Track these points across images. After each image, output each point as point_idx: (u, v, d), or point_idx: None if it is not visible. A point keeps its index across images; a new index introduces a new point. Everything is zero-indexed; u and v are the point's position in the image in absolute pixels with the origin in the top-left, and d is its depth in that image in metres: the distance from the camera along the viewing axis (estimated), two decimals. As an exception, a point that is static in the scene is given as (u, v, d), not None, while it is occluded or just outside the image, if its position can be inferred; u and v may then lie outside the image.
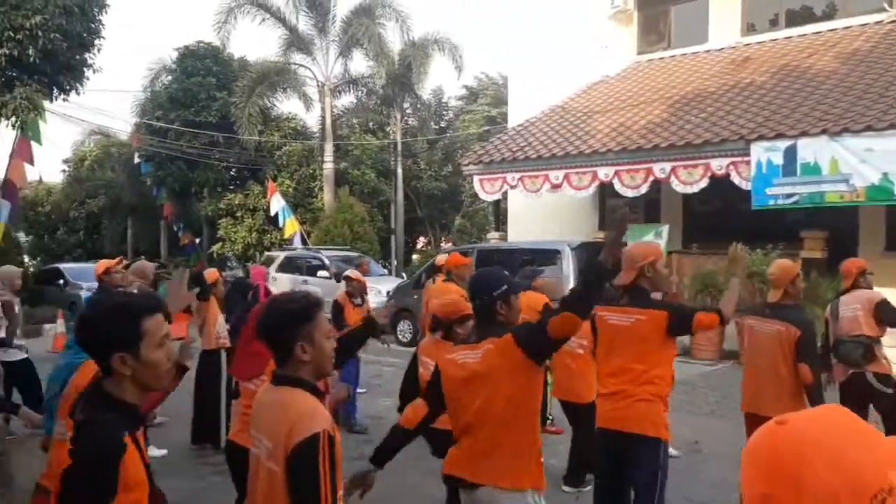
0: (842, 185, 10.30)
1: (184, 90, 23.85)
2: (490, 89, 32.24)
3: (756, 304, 4.83)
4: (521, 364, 2.73)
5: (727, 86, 13.32)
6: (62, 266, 20.13)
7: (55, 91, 15.09)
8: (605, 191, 13.89)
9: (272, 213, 21.77)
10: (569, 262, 10.90)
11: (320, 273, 15.89)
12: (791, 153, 10.71)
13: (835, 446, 0.92)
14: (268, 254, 19.82)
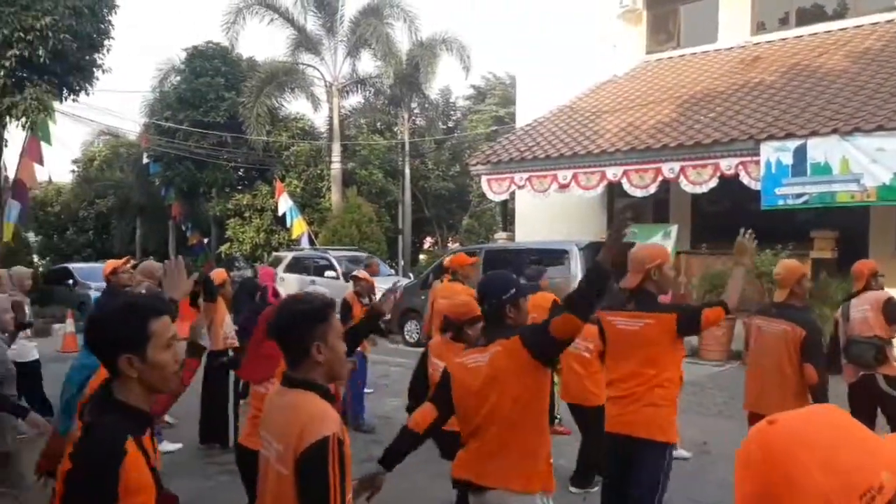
0: (853, 184, 10.23)
1: (192, 90, 23.94)
2: (498, 89, 32.22)
3: (765, 304, 4.80)
4: (528, 365, 2.73)
5: (737, 85, 13.26)
6: (71, 266, 20.21)
7: (65, 91, 15.19)
8: (613, 191, 13.86)
9: (280, 213, 21.80)
10: (577, 262, 10.88)
11: (328, 273, 15.89)
12: (801, 153, 10.65)
13: (825, 446, 0.92)
14: (276, 254, 19.86)
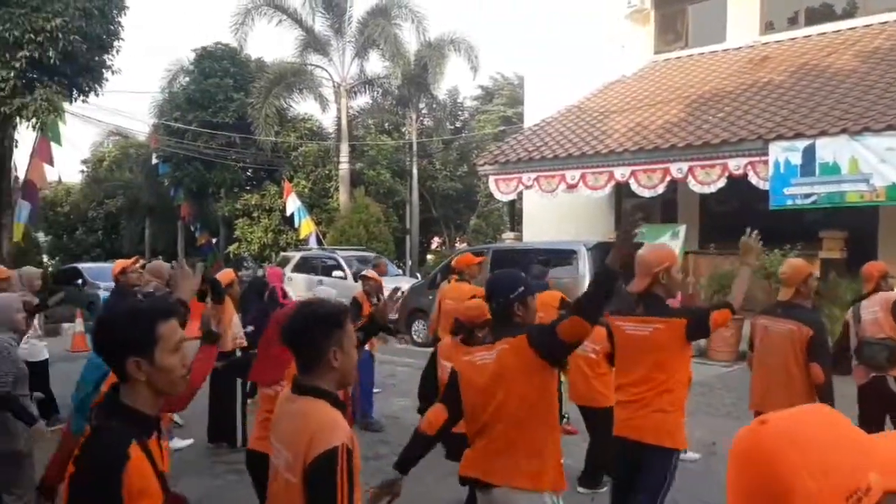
0: (862, 184, 10.18)
1: (201, 91, 24.01)
2: (505, 89, 32.20)
3: (770, 304, 4.78)
4: (534, 364, 2.73)
5: (745, 85, 13.21)
6: (81, 266, 20.30)
7: (75, 92, 15.27)
8: (621, 191, 13.82)
9: (288, 213, 21.86)
10: (585, 262, 10.86)
11: (336, 273, 15.92)
12: (810, 153, 10.60)
13: (815, 446, 0.92)
14: (283, 254, 19.89)
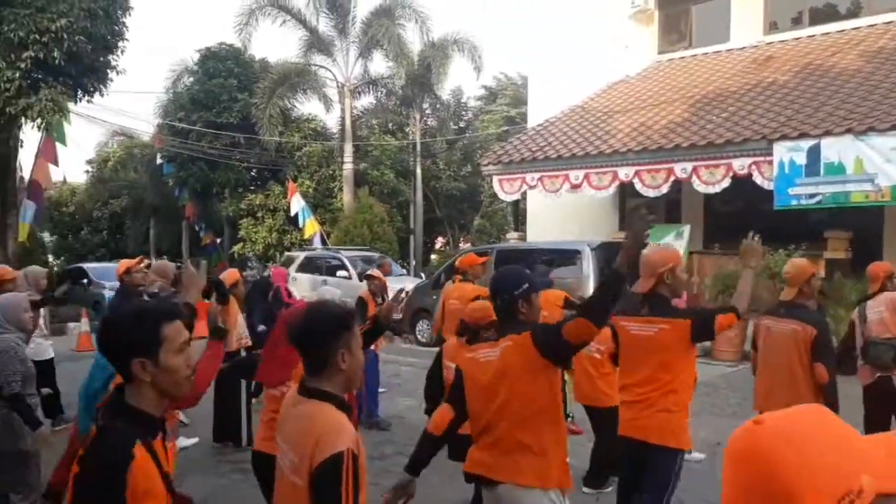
0: (867, 184, 10.16)
1: (205, 91, 24.06)
2: (509, 89, 32.17)
3: (773, 304, 4.77)
4: (537, 363, 2.73)
5: (749, 85, 13.19)
6: (86, 265, 20.36)
7: (79, 93, 15.30)
8: (625, 191, 13.82)
9: (292, 213, 21.88)
10: (589, 262, 10.84)
11: (340, 273, 15.93)
12: (814, 153, 10.58)
13: (809, 448, 0.91)
14: (288, 254, 19.92)
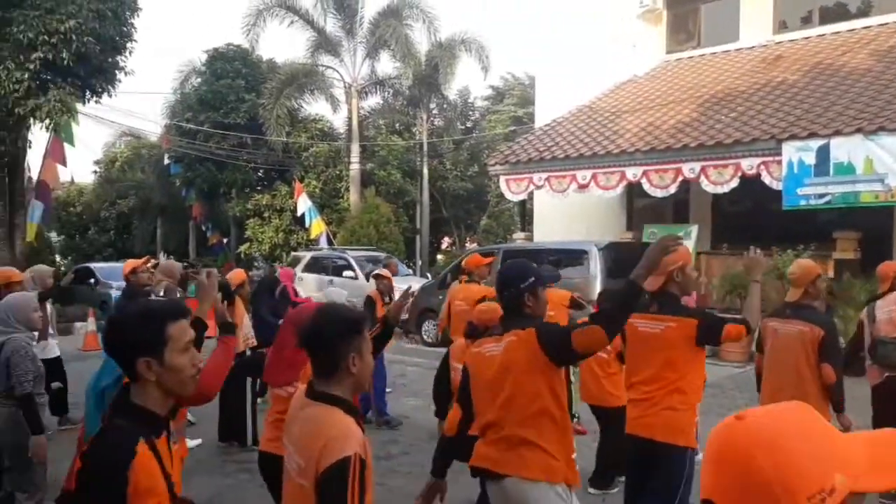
0: (877, 184, 10.08)
1: (213, 92, 24.12)
2: (516, 89, 32.15)
3: (778, 306, 4.73)
4: (540, 361, 2.73)
5: (758, 84, 13.12)
6: (93, 265, 20.43)
7: (88, 93, 15.37)
8: (632, 191, 13.77)
9: (299, 213, 21.92)
10: (596, 262, 10.80)
11: (346, 273, 15.95)
12: (824, 153, 10.51)
13: (784, 444, 0.91)
14: (294, 254, 19.95)
